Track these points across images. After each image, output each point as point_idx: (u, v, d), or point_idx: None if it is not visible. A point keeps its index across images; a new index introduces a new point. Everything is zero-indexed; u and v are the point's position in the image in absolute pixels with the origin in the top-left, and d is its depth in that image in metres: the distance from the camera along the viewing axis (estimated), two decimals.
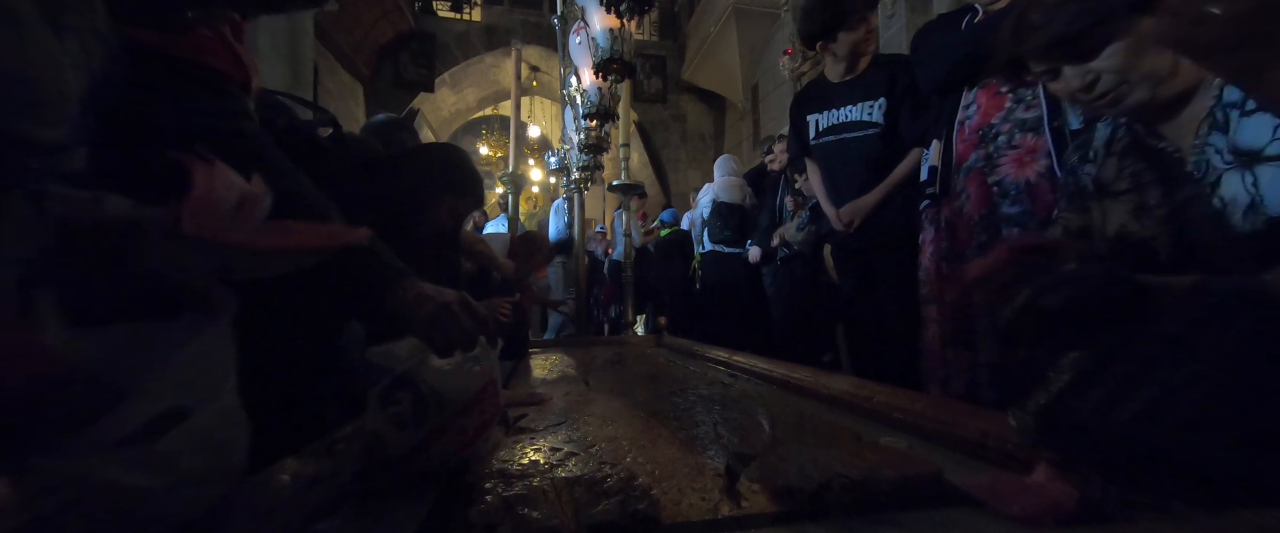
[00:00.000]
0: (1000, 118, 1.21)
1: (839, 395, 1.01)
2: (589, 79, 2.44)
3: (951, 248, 1.30)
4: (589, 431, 0.79)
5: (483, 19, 8.39)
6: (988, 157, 1.22)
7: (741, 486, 0.54)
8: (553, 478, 0.56)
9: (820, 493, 0.53)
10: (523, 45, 4.17)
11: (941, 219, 1.32)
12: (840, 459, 0.58)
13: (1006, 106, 1.21)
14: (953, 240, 1.29)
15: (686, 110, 9.06)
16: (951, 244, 1.30)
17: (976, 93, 1.26)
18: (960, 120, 1.28)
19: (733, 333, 2.96)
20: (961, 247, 1.27)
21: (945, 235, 1.31)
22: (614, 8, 1.84)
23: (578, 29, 2.42)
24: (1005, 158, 1.19)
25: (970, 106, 1.27)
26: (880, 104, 1.61)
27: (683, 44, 8.81)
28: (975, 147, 1.25)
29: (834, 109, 1.71)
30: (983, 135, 1.23)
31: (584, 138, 2.94)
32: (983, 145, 1.23)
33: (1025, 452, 0.62)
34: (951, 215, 1.30)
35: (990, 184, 1.22)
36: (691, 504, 0.52)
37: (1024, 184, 1.16)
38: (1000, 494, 0.53)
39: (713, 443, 0.69)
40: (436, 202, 1.15)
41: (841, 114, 1.69)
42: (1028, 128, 1.17)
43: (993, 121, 1.22)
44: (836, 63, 1.69)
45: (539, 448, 0.70)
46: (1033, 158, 1.16)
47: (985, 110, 1.24)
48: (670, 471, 0.56)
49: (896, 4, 4.47)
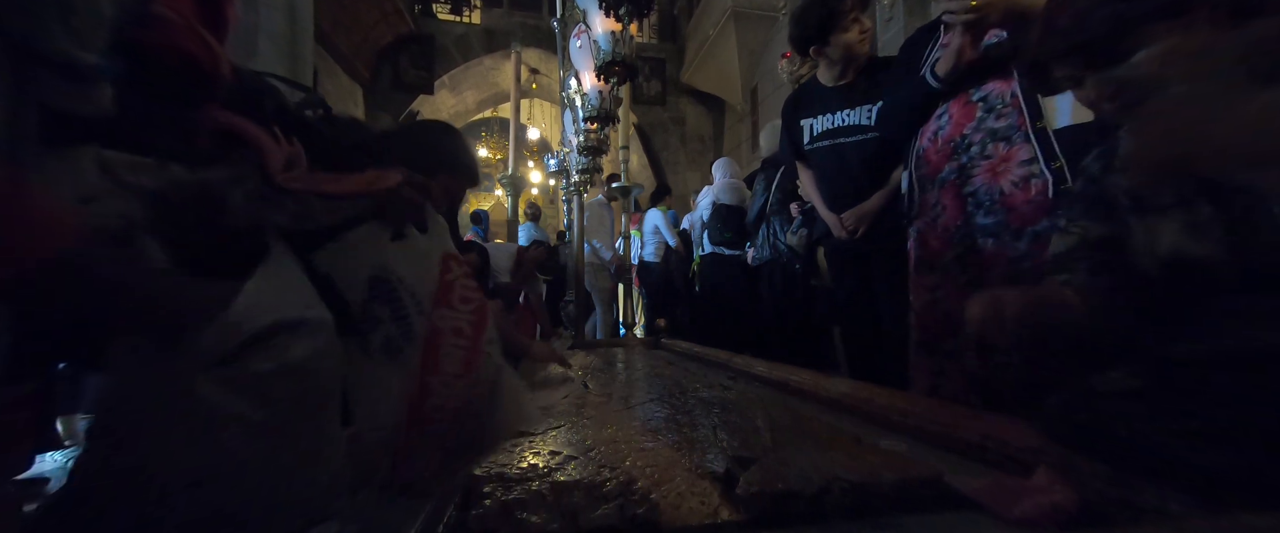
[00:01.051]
0: (972, 127, 1.21)
1: (838, 398, 1.00)
2: (590, 82, 2.44)
3: (923, 258, 1.30)
4: (588, 434, 0.79)
5: (482, 21, 8.40)
6: (961, 167, 1.22)
7: (741, 489, 0.54)
8: (551, 482, 0.56)
9: (820, 496, 0.53)
10: (522, 48, 4.18)
11: (917, 233, 1.33)
12: (840, 462, 0.58)
13: (977, 116, 1.20)
14: (925, 250, 1.30)
15: (686, 113, 9.07)
16: (923, 253, 1.30)
17: (949, 103, 1.25)
18: (933, 131, 1.27)
19: (733, 335, 2.96)
20: (934, 258, 1.27)
21: (918, 247, 1.32)
22: (613, 10, 1.84)
23: (578, 32, 2.42)
24: (979, 168, 1.19)
25: (943, 116, 1.26)
26: (877, 108, 1.58)
27: (682, 46, 8.82)
28: (949, 158, 1.24)
29: (830, 113, 1.68)
30: (955, 147, 1.23)
31: (584, 140, 2.94)
32: (955, 157, 1.23)
33: (1026, 455, 0.61)
34: (924, 228, 1.30)
35: (965, 194, 1.22)
36: (691, 508, 0.52)
37: (998, 193, 1.16)
38: (1001, 498, 0.53)
39: (712, 446, 0.69)
40: (429, 181, 1.14)
41: (837, 118, 1.67)
42: (1000, 137, 1.17)
43: (965, 132, 1.22)
44: (831, 66, 1.67)
45: (537, 451, 0.70)
46: (1007, 166, 1.16)
47: (957, 121, 1.23)
48: (669, 474, 0.56)
49: (895, 6, 4.47)
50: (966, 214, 1.21)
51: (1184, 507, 0.47)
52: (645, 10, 1.87)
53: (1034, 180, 1.12)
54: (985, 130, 1.19)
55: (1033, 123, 1.13)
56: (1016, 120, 1.15)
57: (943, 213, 1.25)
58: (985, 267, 1.17)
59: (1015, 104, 1.16)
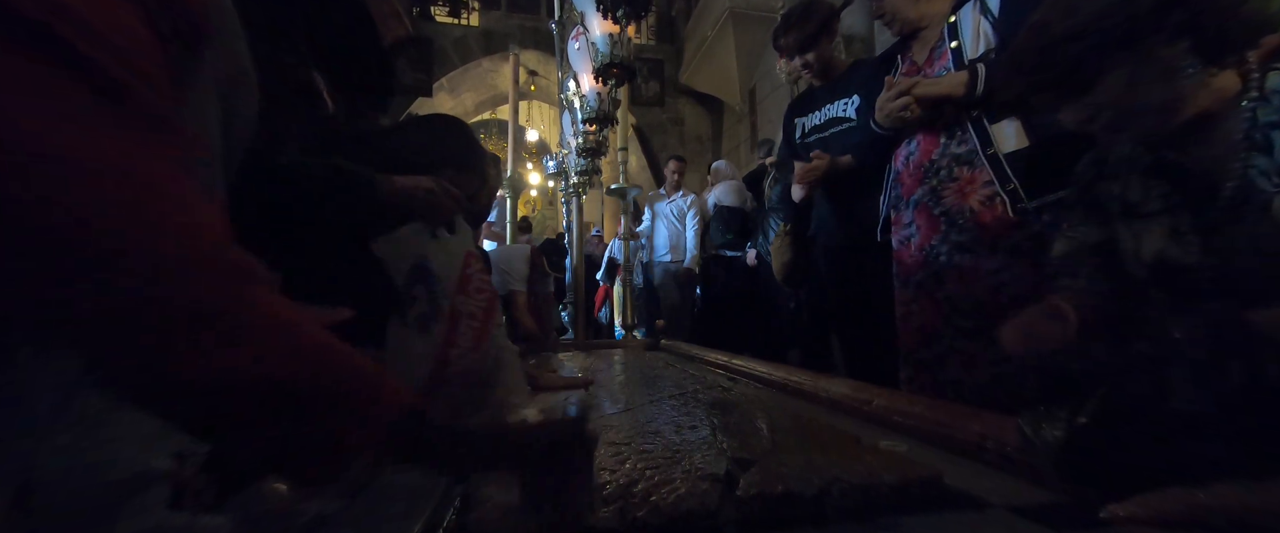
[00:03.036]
0: (939, 153, 1.28)
1: (838, 399, 1.01)
2: (588, 84, 2.44)
3: (900, 274, 1.38)
4: None
5: (480, 24, 8.40)
6: (933, 190, 1.29)
7: (741, 491, 0.54)
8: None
9: (820, 498, 0.53)
10: (520, 50, 4.18)
11: (895, 250, 1.41)
12: (840, 464, 0.58)
13: (941, 142, 1.28)
14: (902, 267, 1.37)
15: (684, 113, 9.07)
16: (901, 270, 1.37)
17: (917, 133, 1.33)
18: (905, 156, 1.36)
19: (733, 336, 2.96)
20: (910, 274, 1.34)
21: (896, 263, 1.39)
22: (610, 12, 1.85)
23: (576, 34, 2.42)
24: (948, 189, 1.26)
25: (912, 143, 1.35)
26: (854, 101, 1.69)
27: (680, 47, 8.83)
28: (920, 181, 1.32)
29: (818, 110, 1.82)
30: (925, 170, 1.30)
31: (582, 142, 2.94)
32: (926, 180, 1.30)
33: (1024, 455, 0.62)
34: (901, 246, 1.38)
35: (937, 215, 1.28)
36: (691, 510, 0.52)
37: (969, 211, 1.22)
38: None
39: (712, 448, 0.69)
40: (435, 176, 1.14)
41: (822, 114, 1.80)
42: (963, 161, 1.24)
43: (933, 156, 1.29)
44: (813, 75, 1.80)
45: None
46: (973, 188, 1.22)
47: (924, 147, 1.31)
48: (669, 476, 0.56)
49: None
50: (942, 233, 1.27)
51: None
52: (643, 12, 1.89)
53: (997, 199, 1.18)
54: (950, 155, 1.26)
55: (984, 150, 1.20)
56: (975, 145, 1.22)
57: (917, 233, 1.32)
58: (962, 282, 1.23)
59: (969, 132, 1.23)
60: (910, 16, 1.31)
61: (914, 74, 1.33)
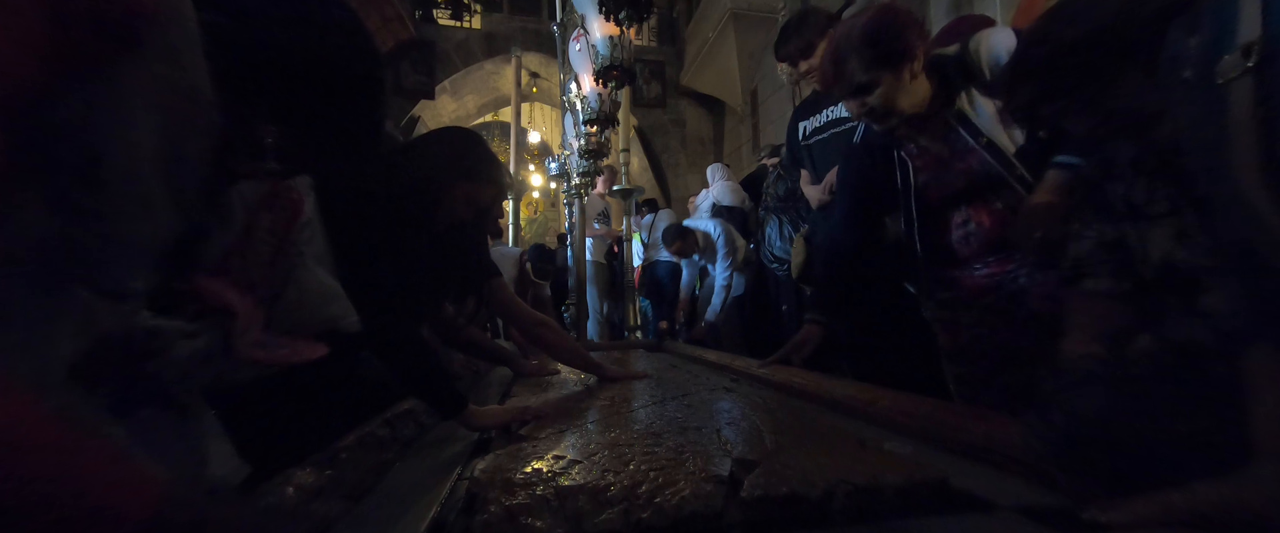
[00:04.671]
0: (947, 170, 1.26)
1: (842, 400, 1.00)
2: (589, 85, 2.45)
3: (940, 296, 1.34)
4: (591, 438, 0.78)
5: (482, 26, 8.43)
6: (955, 197, 1.27)
7: (745, 492, 0.53)
8: (555, 486, 0.55)
9: (825, 500, 0.53)
10: (522, 52, 4.19)
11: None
12: (844, 465, 0.58)
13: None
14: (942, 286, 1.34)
15: (686, 115, 9.08)
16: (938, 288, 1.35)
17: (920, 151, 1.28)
18: (919, 176, 1.34)
19: (734, 337, 2.96)
20: (950, 289, 1.31)
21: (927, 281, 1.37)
22: (611, 14, 1.86)
23: (577, 36, 2.43)
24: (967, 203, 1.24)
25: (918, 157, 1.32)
26: None
27: (681, 49, 8.84)
28: (944, 195, 1.29)
29: (819, 113, 1.87)
30: (941, 182, 1.28)
31: (584, 143, 2.95)
32: (947, 195, 1.28)
33: (1030, 457, 0.61)
34: (929, 259, 1.35)
35: (958, 225, 1.26)
36: (695, 512, 0.51)
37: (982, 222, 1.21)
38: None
39: (716, 449, 0.69)
40: (450, 191, 1.10)
41: (825, 115, 1.85)
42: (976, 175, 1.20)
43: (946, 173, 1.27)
44: (810, 81, 1.81)
45: (541, 456, 0.70)
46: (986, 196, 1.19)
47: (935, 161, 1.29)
48: (673, 478, 0.56)
49: None
50: (965, 242, 1.24)
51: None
52: (644, 14, 1.90)
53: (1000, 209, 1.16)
54: (957, 171, 1.22)
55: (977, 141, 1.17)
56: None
57: (945, 246, 1.27)
58: (996, 291, 1.20)
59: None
60: (903, 107, 1.15)
61: (929, 158, 1.24)
